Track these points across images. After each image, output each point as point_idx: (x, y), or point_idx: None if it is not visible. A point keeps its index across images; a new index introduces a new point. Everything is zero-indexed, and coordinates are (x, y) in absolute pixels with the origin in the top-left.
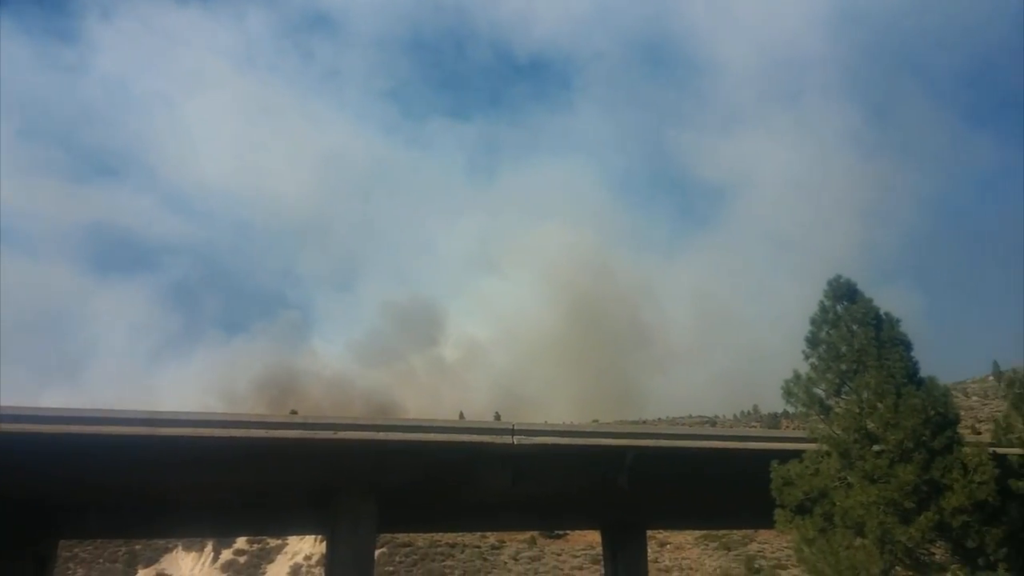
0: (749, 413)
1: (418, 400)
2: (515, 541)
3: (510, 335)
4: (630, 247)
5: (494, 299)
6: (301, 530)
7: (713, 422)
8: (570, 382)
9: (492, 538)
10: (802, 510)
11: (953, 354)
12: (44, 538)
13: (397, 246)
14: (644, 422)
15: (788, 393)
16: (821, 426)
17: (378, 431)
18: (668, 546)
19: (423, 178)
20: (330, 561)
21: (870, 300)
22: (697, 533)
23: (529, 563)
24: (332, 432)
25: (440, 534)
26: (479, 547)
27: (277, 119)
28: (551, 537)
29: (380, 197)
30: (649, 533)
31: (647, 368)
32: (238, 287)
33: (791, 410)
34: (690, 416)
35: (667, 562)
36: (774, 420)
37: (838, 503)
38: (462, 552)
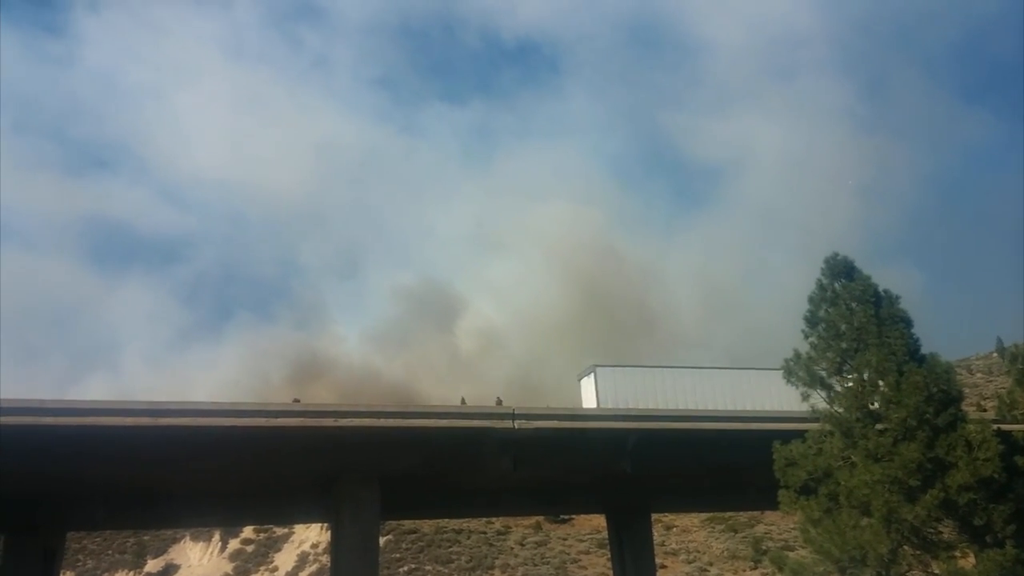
0: None
1: (435, 385)
2: (521, 526)
3: (517, 318)
4: (628, 230)
5: (499, 282)
6: (306, 518)
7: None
8: (578, 366)
9: (498, 524)
10: (806, 490)
11: (956, 331)
12: (52, 530)
13: (397, 232)
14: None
15: (788, 372)
16: (823, 405)
17: (379, 418)
18: (674, 529)
19: (418, 164)
20: (335, 548)
21: (868, 277)
22: (703, 516)
23: (535, 548)
24: (333, 420)
25: (446, 521)
26: (485, 533)
27: (268, 109)
28: (557, 522)
29: (376, 184)
30: (655, 516)
31: (653, 352)
32: (242, 278)
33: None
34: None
35: (674, 545)
36: None
37: (842, 483)
38: (468, 538)
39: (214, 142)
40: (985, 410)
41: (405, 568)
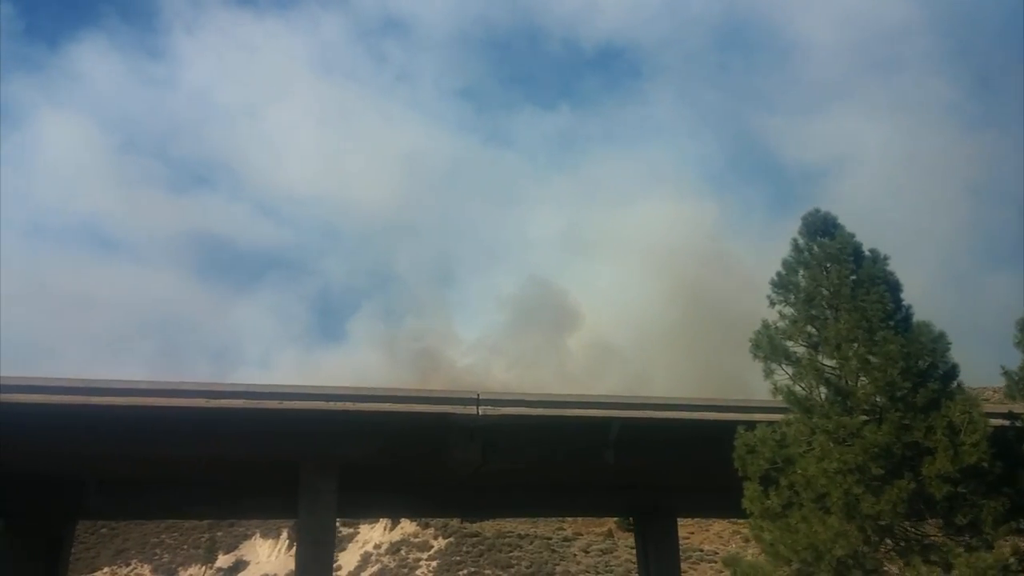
0: None
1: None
2: (592, 532)
3: (620, 325)
4: (726, 236)
5: (599, 288)
6: (267, 512)
7: None
8: (685, 380)
9: (568, 529)
10: (767, 481)
11: None
12: (57, 518)
13: (489, 240)
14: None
15: (756, 346)
16: (785, 382)
17: (328, 401)
18: (739, 536)
19: (504, 172)
20: (296, 543)
21: (851, 235)
22: None
23: (600, 556)
24: (278, 402)
25: (511, 525)
26: (550, 539)
27: (355, 123)
28: (629, 530)
29: (464, 194)
30: (720, 523)
31: (758, 368)
32: (342, 288)
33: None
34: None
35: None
36: None
37: (800, 471)
38: (531, 543)
39: (305, 157)
40: None
41: (465, 572)
